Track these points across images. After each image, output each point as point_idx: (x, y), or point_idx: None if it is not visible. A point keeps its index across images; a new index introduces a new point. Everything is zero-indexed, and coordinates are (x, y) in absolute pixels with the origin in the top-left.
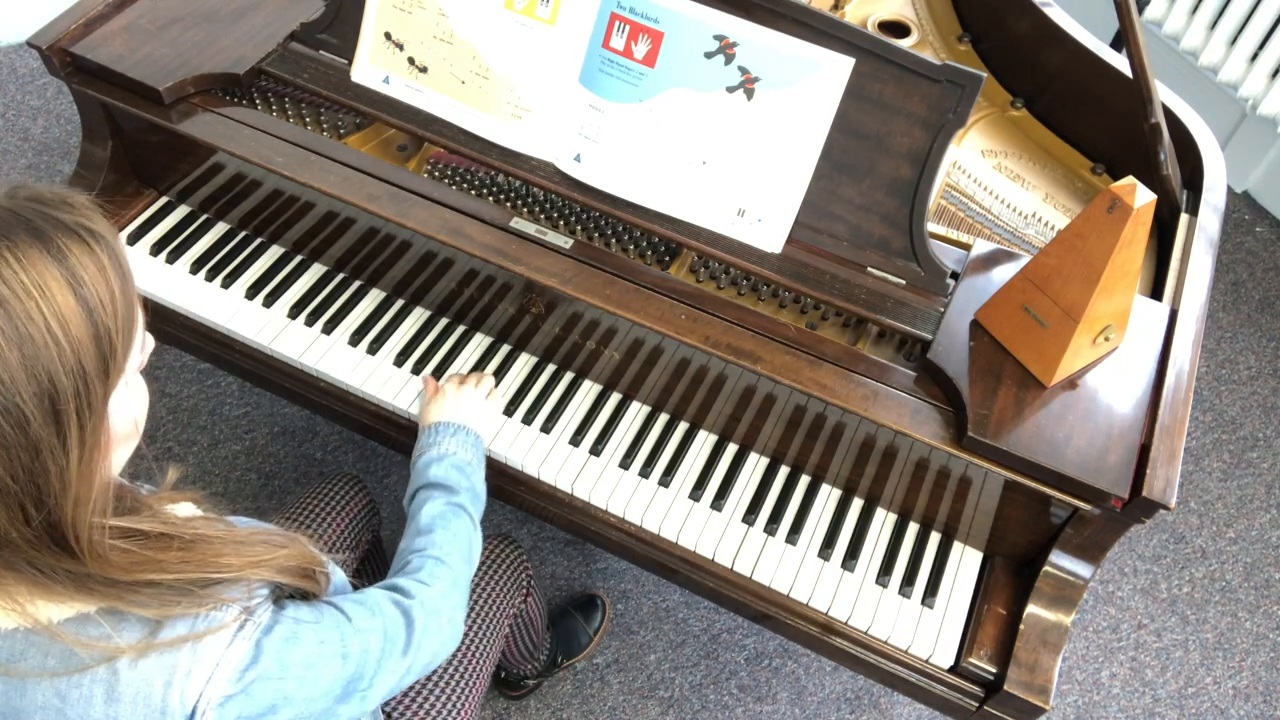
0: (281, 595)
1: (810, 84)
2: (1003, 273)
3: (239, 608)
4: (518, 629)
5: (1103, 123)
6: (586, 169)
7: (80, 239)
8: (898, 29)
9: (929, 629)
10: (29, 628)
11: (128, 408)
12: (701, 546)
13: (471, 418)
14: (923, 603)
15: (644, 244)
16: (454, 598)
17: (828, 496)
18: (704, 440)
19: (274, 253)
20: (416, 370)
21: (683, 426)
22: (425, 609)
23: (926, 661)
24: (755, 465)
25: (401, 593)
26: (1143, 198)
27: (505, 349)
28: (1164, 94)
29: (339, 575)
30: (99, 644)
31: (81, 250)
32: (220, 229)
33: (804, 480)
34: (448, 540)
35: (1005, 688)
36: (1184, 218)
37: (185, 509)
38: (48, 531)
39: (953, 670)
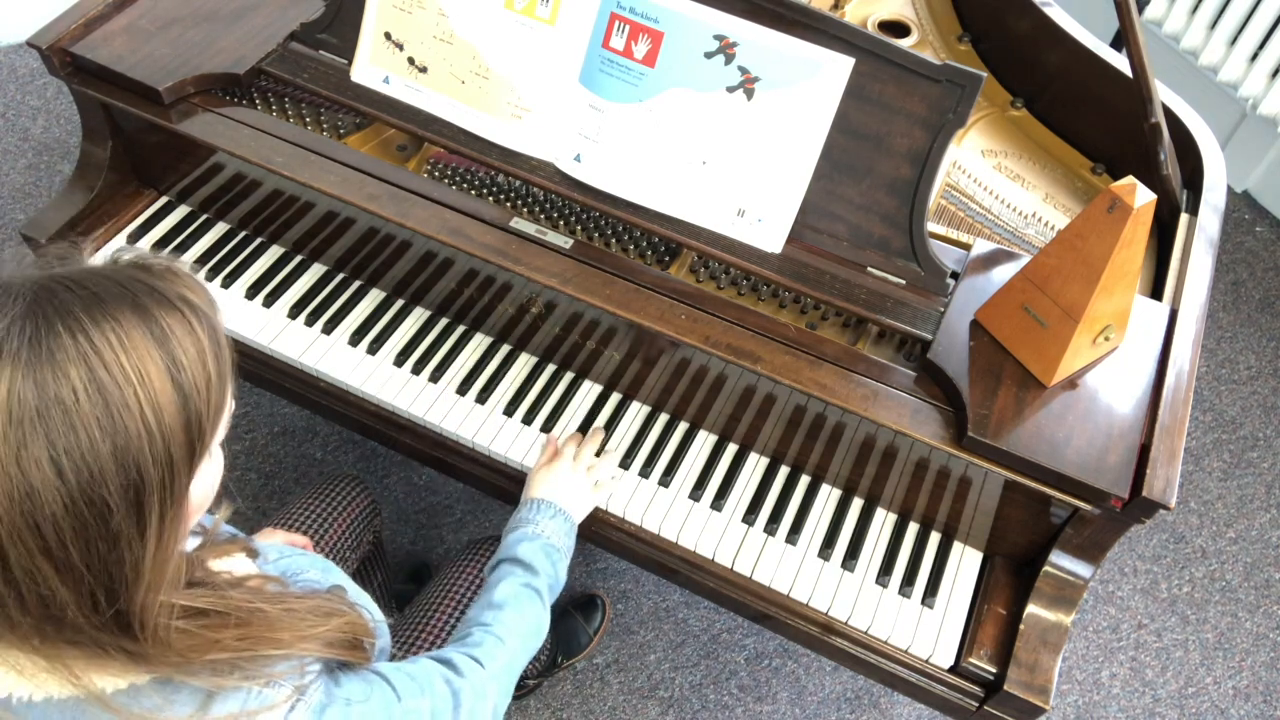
0: (334, 666)
1: (810, 84)
2: (1003, 273)
3: (291, 686)
4: None
5: (1103, 123)
6: (586, 169)
7: (181, 315)
8: (898, 29)
9: (929, 629)
10: (81, 697)
11: (204, 484)
12: (701, 546)
13: (574, 504)
14: (923, 603)
15: (644, 244)
16: (504, 681)
17: (828, 496)
18: (704, 440)
19: (274, 253)
20: (417, 370)
21: (683, 426)
22: (475, 692)
23: (926, 661)
24: (755, 465)
25: (454, 669)
26: (1143, 197)
27: (505, 349)
28: (1164, 94)
29: (385, 636)
30: (151, 716)
31: (183, 330)
32: (220, 229)
33: (804, 480)
34: (515, 622)
35: (1005, 688)
36: (1184, 218)
37: (240, 563)
38: (114, 619)
39: (953, 670)
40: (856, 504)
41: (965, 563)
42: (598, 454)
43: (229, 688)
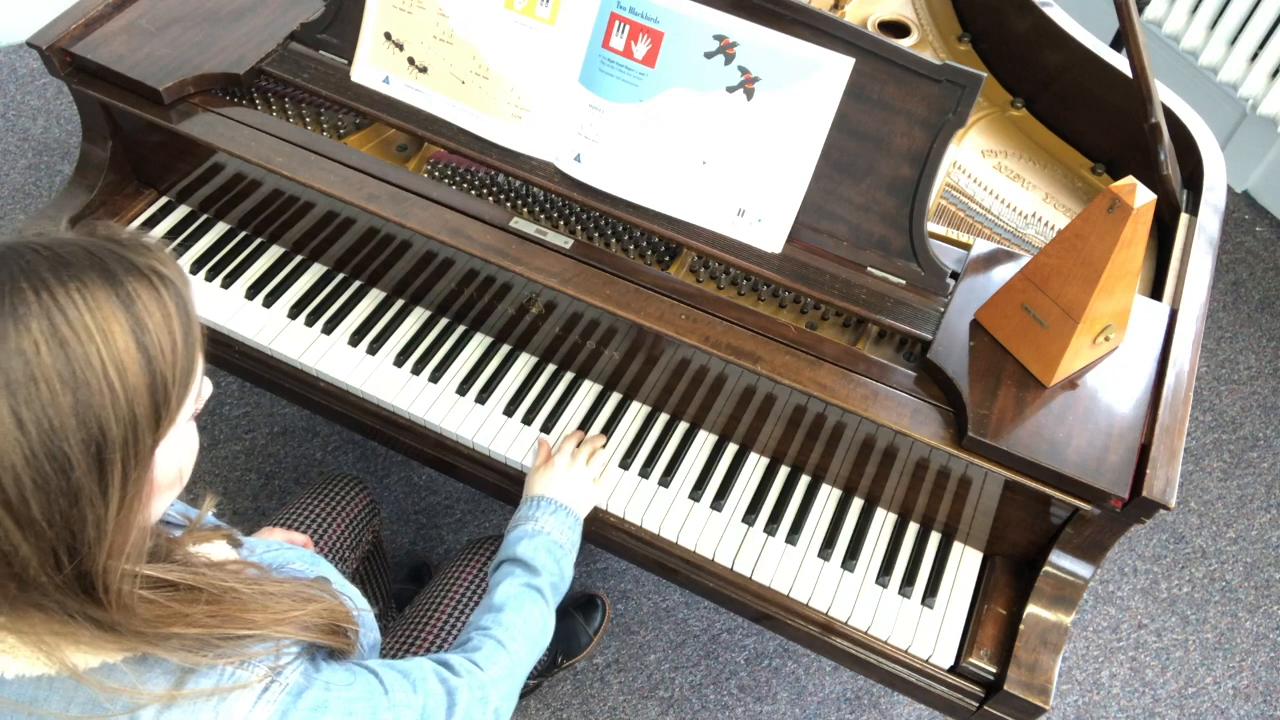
0: (316, 653)
1: (810, 84)
2: (1003, 273)
3: (265, 667)
4: None
5: (1103, 123)
6: (586, 169)
7: (150, 284)
8: (898, 29)
9: (929, 629)
10: (53, 675)
11: (174, 456)
12: (701, 546)
13: (576, 499)
14: (922, 603)
15: (644, 244)
16: (505, 686)
17: (828, 496)
18: (704, 440)
19: (274, 253)
20: (417, 370)
21: (683, 426)
22: (472, 693)
23: (926, 661)
24: (755, 465)
25: (450, 669)
26: (1143, 197)
27: (505, 349)
28: (1164, 94)
29: (373, 630)
30: (125, 690)
31: (149, 295)
32: (220, 229)
33: (804, 480)
34: (516, 623)
35: (1005, 688)
36: (1184, 218)
37: (219, 549)
38: (77, 579)
39: (953, 670)
40: (856, 504)
41: (965, 563)
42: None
43: (203, 666)
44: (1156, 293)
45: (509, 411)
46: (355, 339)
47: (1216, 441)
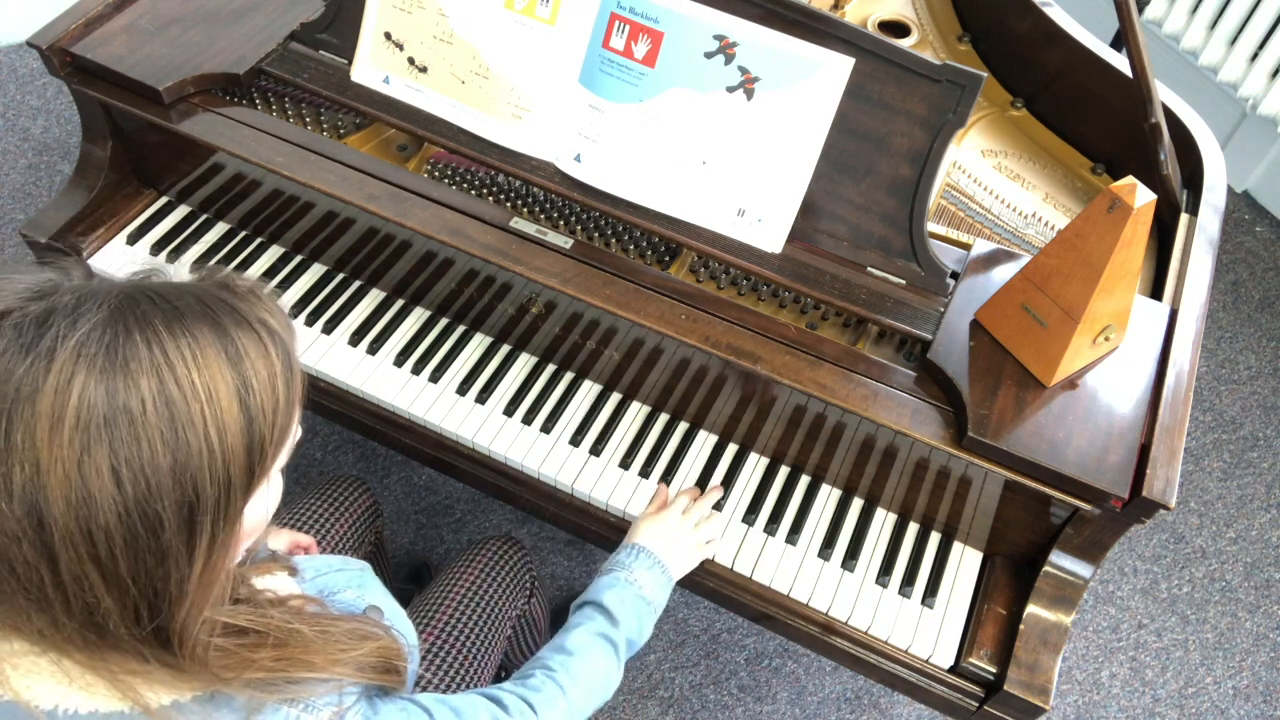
0: (372, 691)
1: (810, 84)
2: (1003, 273)
3: (329, 710)
4: (521, 630)
5: (1103, 123)
6: (586, 169)
7: (258, 338)
8: (898, 29)
9: (929, 629)
10: (126, 711)
11: (259, 509)
12: None
13: (675, 559)
14: (922, 603)
15: (644, 244)
16: None
17: (828, 496)
18: (704, 440)
19: (274, 253)
20: (417, 370)
21: (683, 426)
22: None
23: (926, 661)
24: (755, 465)
25: (503, 709)
26: (1143, 197)
27: (505, 349)
28: (1164, 94)
29: (414, 660)
30: None
31: (257, 352)
32: (220, 229)
33: (804, 480)
34: (582, 672)
35: (1005, 688)
36: (1184, 218)
37: (282, 581)
38: (154, 634)
39: (953, 670)
40: (856, 504)
41: (965, 563)
42: (716, 507)
43: (268, 708)
44: (1156, 293)
45: (509, 411)
46: (355, 339)
47: (1216, 441)
